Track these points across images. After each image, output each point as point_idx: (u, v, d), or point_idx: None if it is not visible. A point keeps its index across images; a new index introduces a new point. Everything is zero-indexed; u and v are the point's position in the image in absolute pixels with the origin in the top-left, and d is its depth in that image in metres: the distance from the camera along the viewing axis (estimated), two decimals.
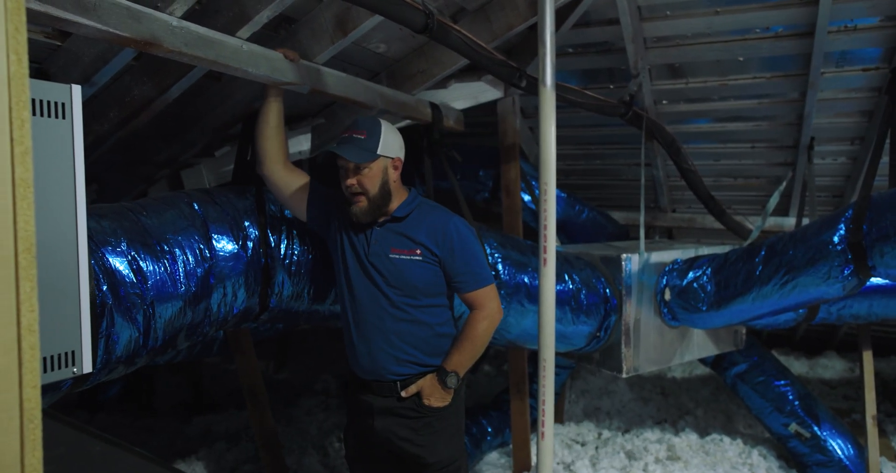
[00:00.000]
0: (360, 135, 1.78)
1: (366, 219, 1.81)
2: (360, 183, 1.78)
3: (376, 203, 1.80)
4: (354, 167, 1.78)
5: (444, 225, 1.84)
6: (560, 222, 3.80)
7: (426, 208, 1.89)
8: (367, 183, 1.78)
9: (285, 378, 4.73)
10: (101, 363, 1.60)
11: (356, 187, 1.78)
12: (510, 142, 3.01)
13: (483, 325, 1.84)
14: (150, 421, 3.85)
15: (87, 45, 1.58)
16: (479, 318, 1.85)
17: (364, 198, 1.79)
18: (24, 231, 0.75)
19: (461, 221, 1.89)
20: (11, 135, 0.74)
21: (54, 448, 0.86)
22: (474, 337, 1.84)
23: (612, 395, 4.33)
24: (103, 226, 1.65)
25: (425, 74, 2.51)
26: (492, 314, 1.86)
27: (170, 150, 2.29)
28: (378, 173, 1.79)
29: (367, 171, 1.78)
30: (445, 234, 1.83)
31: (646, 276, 2.91)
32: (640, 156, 3.12)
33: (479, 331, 1.84)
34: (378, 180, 1.79)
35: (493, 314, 1.87)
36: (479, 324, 1.84)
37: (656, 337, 2.98)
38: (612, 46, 3.02)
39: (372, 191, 1.79)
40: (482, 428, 3.44)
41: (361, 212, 1.80)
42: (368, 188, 1.78)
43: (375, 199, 1.80)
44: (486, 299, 1.86)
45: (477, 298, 1.86)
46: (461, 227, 1.86)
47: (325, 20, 1.91)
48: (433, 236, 1.83)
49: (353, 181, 1.78)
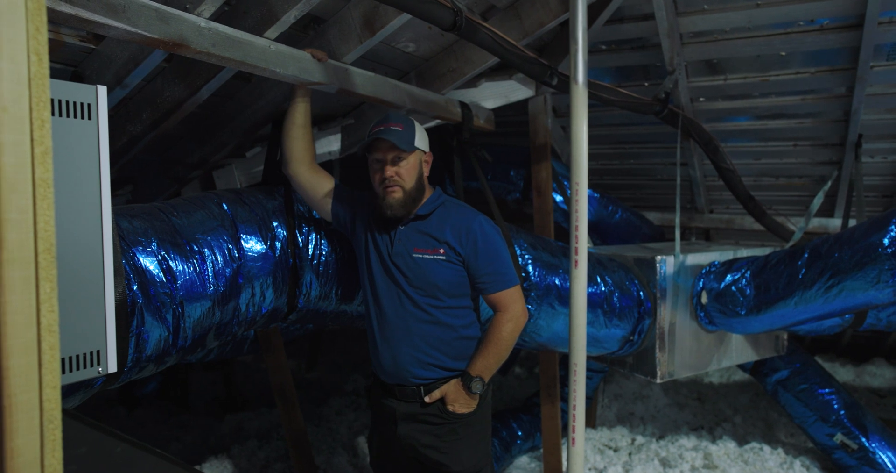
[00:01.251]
0: (397, 127, 1.77)
1: (400, 212, 1.79)
2: (398, 174, 1.77)
3: (411, 196, 1.79)
4: (393, 158, 1.77)
5: (468, 224, 1.81)
6: (592, 223, 3.73)
7: (451, 207, 1.86)
8: (404, 174, 1.77)
9: (316, 378, 4.76)
10: (131, 362, 1.62)
11: (395, 177, 1.76)
12: (541, 141, 2.96)
13: (508, 328, 1.80)
14: (185, 417, 3.92)
15: (120, 47, 1.60)
16: (503, 320, 1.80)
17: (400, 189, 1.77)
18: (44, 232, 0.75)
19: (486, 220, 1.86)
20: (32, 135, 0.74)
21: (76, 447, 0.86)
22: (499, 341, 1.80)
23: (646, 400, 4.23)
24: (135, 226, 1.67)
25: (455, 72, 2.48)
26: (517, 317, 1.82)
27: (202, 151, 2.32)
28: (415, 166, 1.80)
29: (405, 162, 1.78)
30: (469, 233, 1.79)
31: (681, 278, 2.83)
32: (675, 155, 3.03)
33: (504, 334, 1.80)
34: (415, 173, 1.80)
35: (519, 316, 1.82)
36: (503, 327, 1.80)
37: (692, 342, 2.89)
38: (646, 43, 2.94)
39: (409, 183, 1.78)
40: (512, 431, 3.40)
41: (397, 203, 1.77)
42: (406, 179, 1.77)
43: (411, 191, 1.79)
44: (511, 300, 1.82)
45: (501, 299, 1.81)
46: (486, 226, 1.83)
47: (352, 19, 1.90)
48: (457, 235, 1.80)
49: (391, 172, 1.76)
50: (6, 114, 0.72)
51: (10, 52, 0.72)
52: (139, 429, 3.73)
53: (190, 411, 4.06)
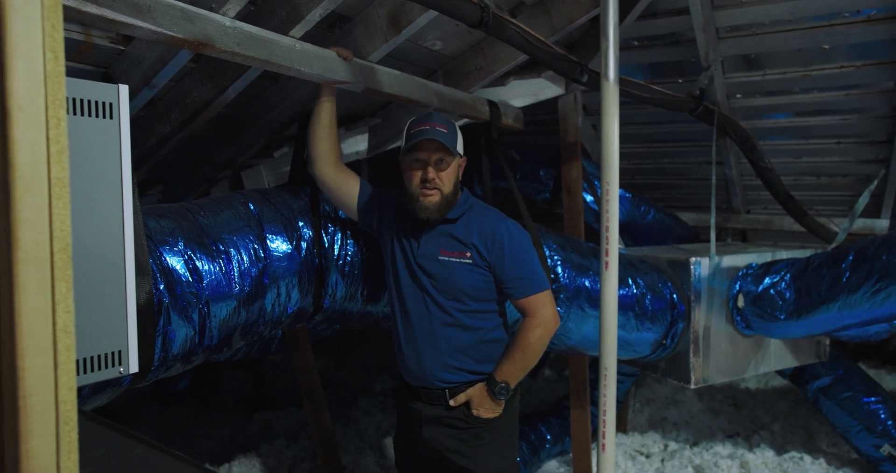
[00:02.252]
0: (442, 128, 1.74)
1: (434, 215, 1.76)
2: (439, 177, 1.74)
3: (448, 200, 1.77)
4: (436, 161, 1.74)
5: (494, 228, 1.77)
6: (624, 224, 3.64)
7: (478, 210, 1.83)
8: (445, 178, 1.75)
9: (344, 378, 4.77)
10: (158, 361, 1.63)
11: (437, 180, 1.73)
12: (571, 140, 2.90)
13: (536, 334, 1.75)
14: (215, 415, 3.97)
15: (147, 48, 1.61)
16: (531, 326, 1.76)
17: (439, 193, 1.75)
18: (59, 231, 0.74)
19: (514, 224, 1.82)
20: (48, 134, 0.73)
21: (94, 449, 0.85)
22: (526, 347, 1.75)
23: (679, 405, 4.12)
24: (162, 225, 1.68)
25: (483, 71, 2.45)
26: (546, 322, 1.77)
27: (230, 151, 2.33)
28: (454, 170, 1.78)
29: (446, 166, 1.75)
30: (496, 237, 1.76)
31: (717, 281, 2.74)
32: (710, 154, 2.94)
33: (532, 340, 1.75)
34: (454, 177, 1.77)
35: (548, 321, 1.77)
36: (531, 333, 1.75)
37: (728, 346, 2.80)
38: (680, 38, 2.86)
39: (448, 187, 1.75)
40: (541, 435, 3.34)
41: (433, 206, 1.74)
42: (445, 184, 1.75)
43: (448, 196, 1.76)
44: (540, 305, 1.77)
45: (529, 305, 1.77)
46: (513, 230, 1.79)
47: (378, 17, 1.88)
48: (483, 240, 1.76)
49: (433, 175, 1.73)
50: (22, 112, 0.71)
51: (25, 49, 0.71)
52: (171, 426, 3.79)
53: (220, 409, 4.12)
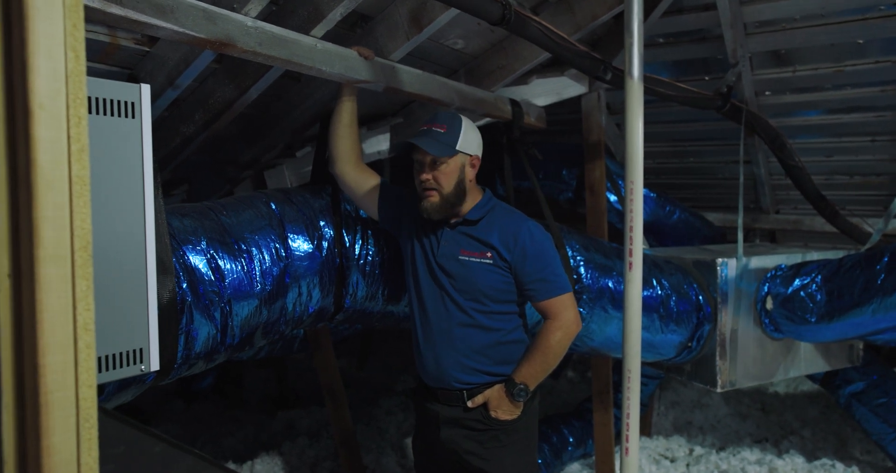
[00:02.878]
0: (439, 128, 1.72)
1: (436, 216, 1.75)
2: (435, 178, 1.72)
3: (449, 201, 1.74)
4: (431, 161, 1.72)
5: (516, 229, 1.75)
6: (649, 224, 3.59)
7: (500, 212, 1.81)
8: (442, 179, 1.72)
9: (366, 377, 4.78)
10: (181, 359, 1.64)
11: (431, 182, 1.72)
12: (595, 139, 2.87)
13: (556, 336, 1.73)
14: (239, 413, 4.01)
15: (171, 49, 1.62)
16: (552, 329, 1.73)
17: (437, 194, 1.73)
18: (80, 229, 0.75)
19: (535, 225, 1.80)
20: (69, 132, 0.74)
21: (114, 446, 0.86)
22: (546, 349, 1.73)
23: (705, 409, 4.04)
24: (185, 225, 1.70)
25: (505, 69, 2.43)
26: (567, 325, 1.74)
27: (252, 151, 2.35)
28: (455, 170, 1.73)
29: (444, 166, 1.72)
30: (517, 239, 1.73)
31: (744, 282, 2.68)
32: (738, 152, 2.88)
33: (552, 343, 1.73)
34: (454, 178, 1.73)
35: (569, 324, 1.74)
36: (551, 335, 1.73)
37: (756, 350, 2.73)
38: (707, 34, 2.80)
39: (446, 188, 1.73)
40: (563, 437, 3.30)
41: (432, 207, 1.73)
42: (443, 185, 1.72)
43: (449, 196, 1.73)
44: (562, 308, 1.74)
45: (550, 307, 1.75)
46: (535, 232, 1.77)
47: (399, 16, 1.87)
48: (504, 241, 1.74)
49: (428, 176, 1.72)
50: (43, 111, 0.72)
51: (47, 48, 0.71)
52: (196, 423, 3.84)
53: (243, 407, 4.16)
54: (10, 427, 0.75)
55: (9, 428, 0.75)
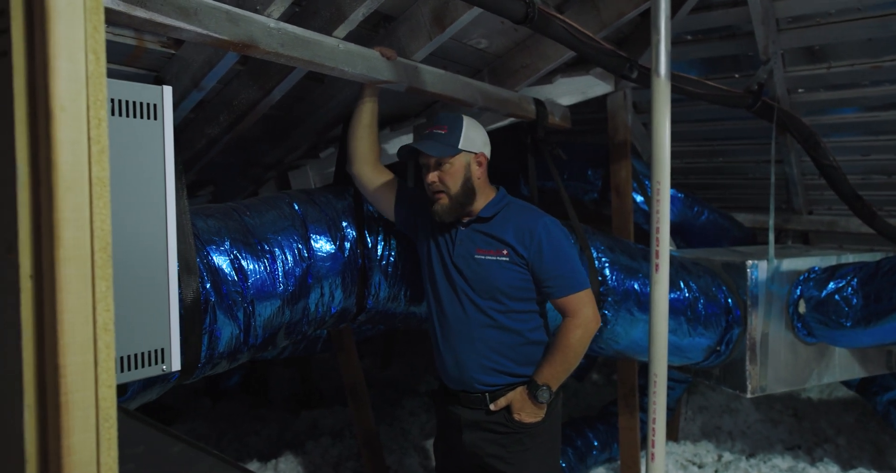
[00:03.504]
0: (440, 130, 1.72)
1: (448, 218, 1.74)
2: (441, 180, 1.71)
3: (458, 201, 1.72)
4: (435, 163, 1.72)
5: (532, 225, 1.72)
6: (676, 225, 3.52)
7: (515, 208, 1.79)
8: (448, 180, 1.71)
9: (390, 377, 4.79)
10: (205, 358, 1.66)
11: (437, 184, 1.71)
12: (621, 139, 2.82)
13: (576, 334, 1.70)
14: (264, 411, 4.05)
15: (196, 51, 1.64)
16: (571, 326, 1.70)
17: (445, 196, 1.72)
18: (100, 230, 0.75)
19: (552, 221, 1.77)
20: (89, 134, 0.74)
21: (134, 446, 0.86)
22: (566, 348, 1.70)
23: (734, 414, 3.95)
24: (209, 225, 1.71)
25: (528, 68, 2.40)
26: (586, 322, 1.71)
27: (276, 152, 2.37)
28: (460, 170, 1.72)
29: (449, 167, 1.71)
30: (533, 235, 1.71)
31: (776, 285, 2.61)
32: (770, 152, 2.81)
33: (572, 341, 1.70)
34: (460, 177, 1.72)
35: (588, 321, 1.71)
36: (571, 333, 1.70)
37: (788, 354, 2.66)
38: (737, 31, 2.73)
39: (454, 188, 1.71)
40: (587, 441, 3.26)
41: (443, 210, 1.72)
42: (450, 185, 1.71)
43: (457, 196, 1.72)
44: (580, 305, 1.71)
45: (569, 304, 1.71)
46: (551, 227, 1.73)
47: (422, 16, 1.86)
48: (520, 237, 1.72)
49: (433, 178, 1.71)
50: (64, 113, 0.72)
51: (68, 51, 0.72)
52: (222, 421, 3.88)
53: (269, 405, 4.19)
54: (32, 427, 0.76)
55: (30, 428, 0.75)
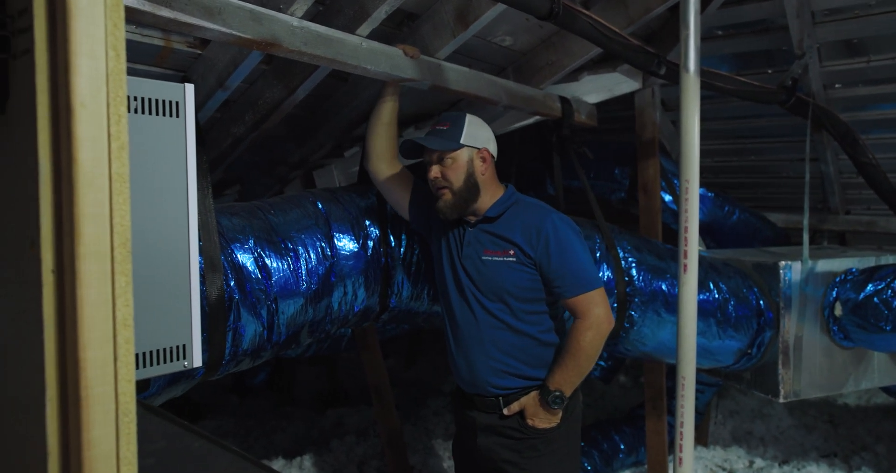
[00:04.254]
0: (442, 127, 1.72)
1: (451, 214, 1.71)
2: (443, 175, 1.69)
3: (461, 197, 1.70)
4: (437, 158, 1.70)
5: (539, 223, 1.68)
6: (706, 225, 3.45)
7: (522, 206, 1.75)
8: (450, 175, 1.69)
9: (414, 377, 4.80)
10: (228, 355, 1.67)
11: (440, 179, 1.70)
12: (649, 137, 2.77)
13: (587, 337, 1.64)
14: (290, 409, 4.09)
15: (221, 50, 1.65)
16: (582, 328, 1.65)
17: (448, 191, 1.70)
18: (119, 226, 0.76)
19: (560, 217, 1.72)
20: (109, 131, 0.75)
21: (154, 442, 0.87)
22: (578, 351, 1.65)
23: (767, 419, 3.85)
24: (234, 223, 1.73)
25: (554, 66, 2.37)
26: (598, 323, 1.65)
27: (301, 151, 2.38)
28: (462, 164, 1.70)
29: (451, 162, 1.69)
30: (540, 233, 1.67)
31: (810, 287, 2.53)
32: (804, 149, 2.72)
33: (584, 344, 1.64)
34: (462, 172, 1.70)
35: (600, 322, 1.65)
36: (582, 336, 1.64)
37: (823, 359, 2.57)
38: (770, 25, 2.66)
39: (456, 184, 1.69)
40: (614, 444, 3.21)
41: (446, 206, 1.70)
42: (452, 180, 1.69)
43: (460, 192, 1.69)
44: (591, 305, 1.65)
45: (579, 304, 1.66)
46: (559, 224, 1.69)
47: (445, 13, 1.85)
48: (527, 236, 1.68)
49: (436, 173, 1.70)
50: (84, 109, 0.73)
51: (88, 48, 0.73)
52: (249, 418, 3.93)
53: (295, 403, 4.23)
54: (54, 421, 0.76)
55: (52, 421, 0.76)
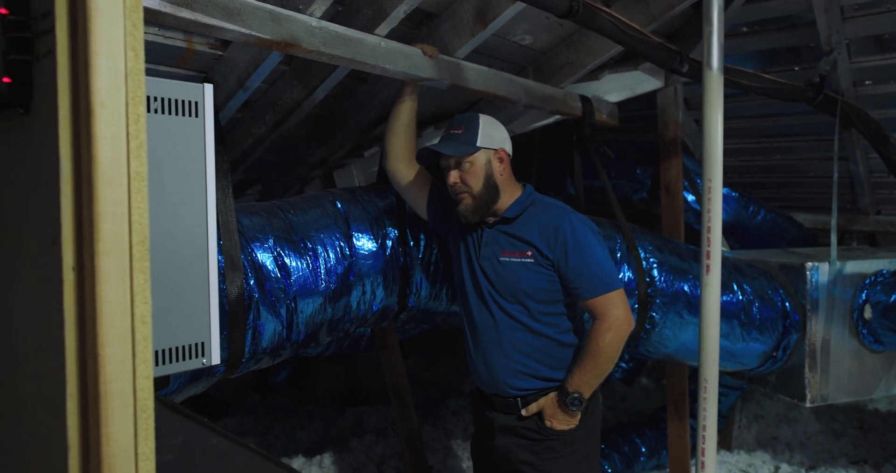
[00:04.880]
0: (457, 130, 1.70)
1: (473, 218, 1.71)
2: (462, 180, 1.69)
3: (482, 200, 1.69)
4: (455, 163, 1.69)
5: (556, 223, 1.66)
6: (730, 225, 3.39)
7: (540, 206, 1.74)
8: (469, 179, 1.68)
9: (434, 377, 4.80)
10: (248, 354, 1.69)
11: (460, 184, 1.69)
12: (671, 136, 2.73)
13: (606, 338, 1.62)
14: (310, 408, 4.12)
15: (242, 51, 1.67)
16: (601, 330, 1.63)
17: (468, 195, 1.69)
18: (138, 224, 0.77)
19: (579, 217, 1.71)
20: (128, 130, 0.76)
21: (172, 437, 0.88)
22: (597, 353, 1.63)
23: (793, 424, 3.77)
24: (254, 223, 1.75)
25: (574, 64, 2.35)
26: (617, 325, 1.63)
27: (321, 151, 2.39)
28: (481, 168, 1.69)
29: (469, 166, 1.68)
30: (558, 233, 1.65)
31: (838, 289, 2.47)
32: (832, 148, 2.66)
33: (602, 345, 1.62)
34: (481, 175, 1.69)
35: (620, 324, 1.63)
36: (601, 337, 1.62)
37: (852, 362, 2.51)
38: (797, 21, 2.60)
39: (476, 187, 1.68)
40: (635, 447, 3.17)
41: (467, 210, 1.69)
42: (472, 184, 1.68)
43: (481, 195, 1.69)
44: (610, 306, 1.63)
45: (598, 306, 1.64)
46: (577, 225, 1.67)
47: (464, 13, 1.85)
48: (544, 237, 1.66)
49: (455, 179, 1.69)
50: (104, 109, 0.74)
51: (108, 49, 0.74)
52: (270, 415, 3.97)
53: (316, 401, 4.26)
54: (74, 415, 0.78)
55: (73, 416, 0.78)
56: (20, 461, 0.87)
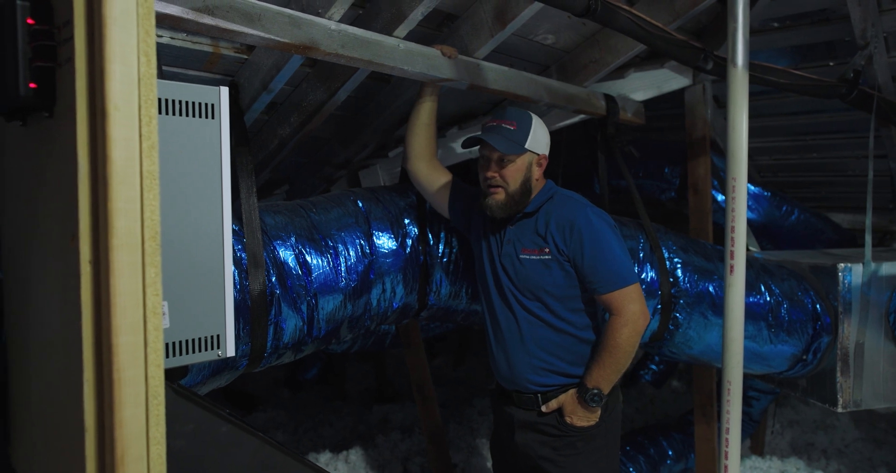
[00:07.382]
0: (509, 125, 1.69)
1: (500, 214, 1.71)
2: (501, 176, 1.69)
3: (514, 198, 1.70)
4: (498, 158, 1.70)
5: (573, 218, 1.66)
6: (762, 225, 3.31)
7: (559, 200, 1.74)
8: (508, 177, 1.69)
9: (462, 376, 4.81)
10: (270, 349, 1.74)
11: (497, 179, 1.69)
12: (699, 135, 2.69)
13: (623, 334, 1.62)
14: (340, 404, 4.18)
15: (266, 55, 1.72)
16: (617, 325, 1.63)
17: (503, 191, 1.69)
18: (150, 220, 0.81)
19: (595, 212, 1.70)
20: (140, 131, 0.80)
21: (183, 424, 0.92)
22: (614, 348, 1.63)
23: (829, 430, 3.66)
24: (277, 221, 1.80)
25: (598, 63, 2.34)
26: (634, 320, 1.62)
27: (346, 151, 2.44)
28: (522, 168, 1.70)
29: (511, 164, 1.69)
30: (574, 228, 1.65)
31: (873, 291, 2.39)
32: (868, 146, 2.58)
33: (620, 340, 1.62)
34: (521, 176, 1.69)
35: (636, 319, 1.63)
36: (617, 332, 1.63)
37: (888, 367, 2.43)
38: (830, 15, 2.53)
39: (512, 186, 1.69)
40: (661, 450, 3.13)
41: (496, 205, 1.70)
42: (509, 182, 1.69)
43: (514, 194, 1.69)
44: (626, 301, 1.63)
45: (614, 301, 1.64)
46: (593, 219, 1.67)
47: (484, 13, 1.86)
48: (562, 231, 1.67)
49: (494, 173, 1.69)
50: (118, 112, 0.78)
51: (122, 54, 0.78)
52: (299, 411, 4.05)
53: (345, 398, 4.33)
54: (91, 400, 0.82)
55: (89, 400, 0.82)
56: (42, 441, 0.92)
